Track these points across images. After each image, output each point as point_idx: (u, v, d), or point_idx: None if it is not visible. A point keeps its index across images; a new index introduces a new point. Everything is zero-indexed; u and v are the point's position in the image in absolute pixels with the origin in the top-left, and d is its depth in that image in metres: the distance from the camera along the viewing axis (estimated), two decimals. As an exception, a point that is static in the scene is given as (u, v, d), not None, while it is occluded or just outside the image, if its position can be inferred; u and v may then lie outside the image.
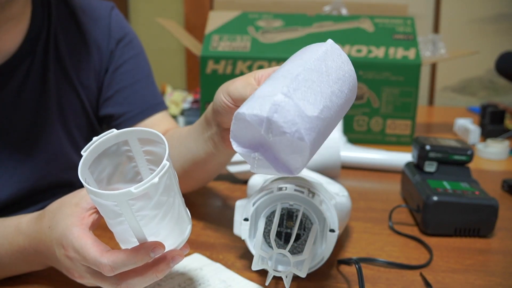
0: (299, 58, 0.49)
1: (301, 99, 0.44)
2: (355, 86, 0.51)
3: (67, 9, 0.77)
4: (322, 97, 0.45)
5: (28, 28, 0.72)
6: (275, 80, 0.46)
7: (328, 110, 0.46)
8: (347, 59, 0.50)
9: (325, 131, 0.46)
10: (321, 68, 0.47)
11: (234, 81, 0.57)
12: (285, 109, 0.42)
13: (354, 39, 1.18)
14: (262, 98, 0.44)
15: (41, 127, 0.74)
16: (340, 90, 0.48)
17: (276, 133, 0.43)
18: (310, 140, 0.43)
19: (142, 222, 0.46)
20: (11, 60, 0.70)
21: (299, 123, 0.42)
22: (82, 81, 0.78)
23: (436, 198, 0.70)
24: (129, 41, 0.83)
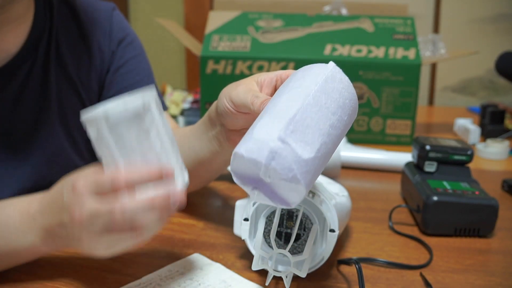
0: (299, 86, 0.49)
1: (298, 141, 0.44)
2: (356, 108, 0.51)
3: (69, 10, 0.77)
4: (320, 134, 0.46)
5: (30, 29, 0.72)
6: (272, 116, 0.47)
7: (326, 145, 0.46)
8: (348, 83, 0.50)
9: (322, 165, 0.47)
10: (321, 100, 0.47)
11: (236, 85, 0.58)
12: (282, 156, 0.44)
13: (354, 39, 1.18)
14: (260, 142, 0.45)
15: (42, 128, 0.74)
16: (339, 119, 0.48)
17: (273, 178, 0.44)
18: (306, 182, 0.44)
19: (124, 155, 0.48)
20: (13, 61, 0.70)
21: (296, 169, 0.44)
22: (83, 81, 0.78)
23: (436, 198, 0.70)
24: (130, 42, 0.84)
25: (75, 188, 0.47)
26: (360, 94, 1.16)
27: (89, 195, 0.47)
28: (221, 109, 0.60)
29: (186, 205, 0.79)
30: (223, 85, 0.62)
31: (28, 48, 0.71)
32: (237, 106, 0.57)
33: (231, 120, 0.60)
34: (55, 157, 0.76)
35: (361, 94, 1.16)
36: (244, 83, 0.57)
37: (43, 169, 0.74)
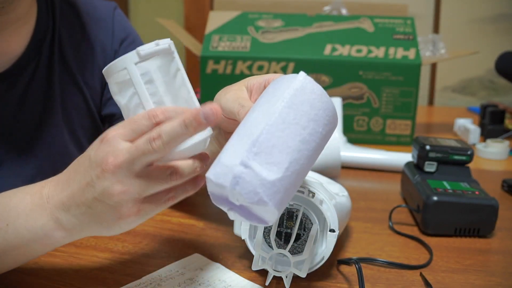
0: (267, 102, 0.48)
1: (264, 163, 0.44)
2: (334, 115, 0.50)
3: (71, 10, 0.77)
4: (288, 152, 0.45)
5: (34, 29, 0.72)
6: (239, 137, 0.46)
7: (296, 162, 0.46)
8: (321, 92, 0.49)
9: (296, 180, 0.46)
10: (288, 117, 0.46)
11: (226, 92, 0.57)
12: (246, 180, 0.43)
13: (354, 39, 1.18)
14: (225, 166, 0.44)
15: (46, 128, 0.74)
16: (311, 133, 0.47)
17: (241, 201, 0.44)
18: (275, 203, 0.44)
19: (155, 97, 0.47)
20: (18, 62, 0.70)
21: (261, 192, 0.43)
22: (86, 81, 0.79)
23: (436, 198, 0.70)
24: (132, 41, 0.84)
25: (106, 137, 0.46)
26: (360, 94, 1.16)
27: (122, 138, 0.45)
28: None
29: (186, 205, 0.79)
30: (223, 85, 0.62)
31: (32, 49, 0.71)
32: (226, 113, 0.56)
33: (225, 125, 0.60)
34: (59, 157, 0.76)
35: (361, 94, 1.16)
36: (233, 90, 0.57)
37: (47, 169, 0.74)
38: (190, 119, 0.45)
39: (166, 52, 0.48)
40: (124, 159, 0.45)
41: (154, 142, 0.44)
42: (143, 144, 0.45)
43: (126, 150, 0.45)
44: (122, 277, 0.58)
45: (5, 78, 0.69)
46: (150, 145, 0.44)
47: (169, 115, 0.46)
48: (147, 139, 0.45)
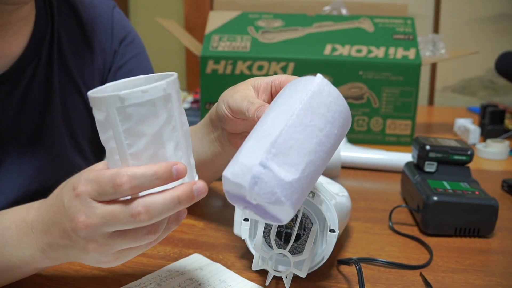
0: (285, 103, 0.49)
1: (282, 164, 0.45)
2: (348, 118, 0.51)
3: (69, 9, 0.77)
4: (305, 154, 0.46)
5: (33, 30, 0.72)
6: (257, 139, 0.47)
7: (312, 164, 0.46)
8: (337, 95, 0.49)
9: (311, 181, 0.47)
10: (306, 119, 0.47)
11: (234, 91, 0.58)
12: (264, 181, 0.44)
13: (354, 39, 1.18)
14: (244, 166, 0.45)
15: (46, 130, 0.74)
16: (327, 135, 0.48)
17: (258, 201, 0.45)
18: (291, 203, 0.44)
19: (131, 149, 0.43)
20: (17, 64, 0.70)
21: (278, 192, 0.44)
22: (86, 81, 0.78)
23: (436, 198, 0.70)
24: (132, 40, 0.84)
25: (76, 191, 0.44)
26: (360, 94, 1.16)
27: (93, 197, 0.43)
28: (220, 114, 0.61)
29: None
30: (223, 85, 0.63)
31: (31, 50, 0.71)
32: (234, 112, 0.57)
33: (230, 125, 0.61)
34: (59, 159, 0.76)
35: (361, 94, 1.16)
36: (241, 89, 0.58)
37: (47, 171, 0.74)
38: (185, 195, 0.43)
39: (156, 100, 0.42)
40: (96, 222, 0.43)
41: (139, 216, 0.42)
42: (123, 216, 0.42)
43: (101, 215, 0.43)
44: (122, 277, 0.58)
45: (5, 80, 0.69)
46: (133, 219, 0.42)
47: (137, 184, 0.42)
48: (129, 213, 0.42)
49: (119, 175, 0.42)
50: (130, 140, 0.43)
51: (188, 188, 0.44)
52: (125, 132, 0.42)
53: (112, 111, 0.42)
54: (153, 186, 0.42)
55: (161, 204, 0.42)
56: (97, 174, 0.43)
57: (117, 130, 0.42)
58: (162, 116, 0.43)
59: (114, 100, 0.41)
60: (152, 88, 0.42)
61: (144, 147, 0.43)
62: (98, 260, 0.47)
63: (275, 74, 0.61)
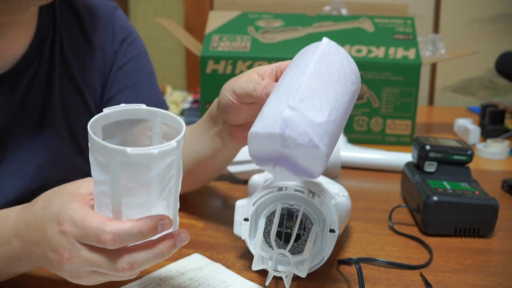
0: (299, 65, 0.51)
1: (308, 108, 0.46)
2: (358, 77, 0.53)
3: (71, 9, 0.77)
4: (328, 100, 0.47)
5: (35, 30, 0.72)
6: (279, 94, 0.48)
7: (336, 111, 0.48)
8: (345, 54, 0.52)
9: (337, 130, 0.48)
10: (322, 71, 0.49)
11: (238, 78, 0.59)
12: (295, 122, 0.45)
13: (354, 39, 1.18)
14: (272, 115, 0.46)
15: (46, 129, 0.74)
16: (344, 87, 0.50)
17: (292, 146, 0.45)
18: (324, 145, 0.45)
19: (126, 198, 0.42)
20: (19, 64, 0.70)
21: (311, 132, 0.45)
22: (87, 82, 0.78)
23: (436, 198, 0.70)
24: (132, 41, 0.84)
25: (61, 228, 0.44)
26: (360, 94, 1.16)
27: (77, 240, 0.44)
28: (223, 104, 0.61)
29: (186, 205, 0.79)
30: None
31: (33, 50, 0.71)
32: (240, 96, 0.58)
33: (234, 113, 0.61)
34: (59, 159, 0.76)
35: (361, 94, 1.16)
36: (246, 75, 0.59)
37: (47, 169, 0.74)
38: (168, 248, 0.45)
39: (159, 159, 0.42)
40: (81, 262, 0.44)
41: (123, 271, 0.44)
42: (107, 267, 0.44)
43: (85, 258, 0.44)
44: (122, 277, 0.58)
45: (7, 79, 0.69)
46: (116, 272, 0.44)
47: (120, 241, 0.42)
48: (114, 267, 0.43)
49: (103, 231, 0.42)
50: (127, 191, 0.42)
51: (172, 242, 0.45)
52: (125, 182, 0.42)
53: (115, 161, 0.41)
54: (137, 242, 0.44)
55: (145, 260, 0.44)
56: (83, 220, 0.43)
57: (116, 180, 0.42)
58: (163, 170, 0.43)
59: (121, 153, 0.40)
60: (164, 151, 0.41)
61: (139, 197, 0.43)
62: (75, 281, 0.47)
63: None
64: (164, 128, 0.47)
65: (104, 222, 0.43)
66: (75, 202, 0.45)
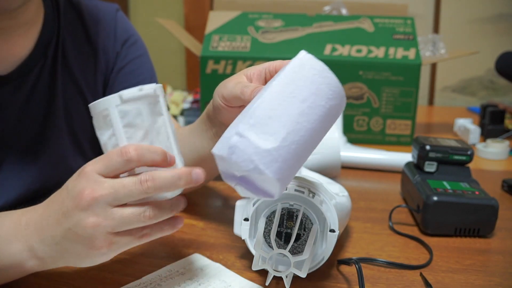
0: (271, 81, 0.50)
1: (260, 133, 0.45)
2: (339, 91, 0.50)
3: (74, 12, 0.77)
4: (285, 124, 0.46)
5: (40, 32, 0.72)
6: (240, 115, 0.49)
7: (296, 133, 0.46)
8: (322, 68, 0.49)
9: (298, 152, 0.47)
10: (285, 90, 0.48)
11: (226, 82, 0.59)
12: (240, 149, 0.45)
13: (354, 39, 1.18)
14: (224, 139, 0.47)
15: (49, 131, 0.74)
16: (311, 106, 0.48)
17: (239, 171, 0.46)
18: (273, 171, 0.44)
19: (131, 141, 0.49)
20: (23, 65, 0.70)
21: (256, 159, 0.44)
22: (88, 84, 0.79)
23: (436, 198, 0.70)
24: (134, 42, 0.84)
25: (83, 170, 0.47)
26: (360, 94, 1.16)
27: (98, 173, 0.47)
28: (215, 107, 0.61)
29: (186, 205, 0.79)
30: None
31: (37, 52, 0.71)
32: (228, 100, 0.58)
33: (226, 116, 0.61)
34: (61, 160, 0.76)
35: (361, 94, 1.16)
36: (233, 78, 0.58)
37: (49, 171, 0.75)
38: (186, 174, 0.48)
39: (148, 97, 0.50)
40: (103, 193, 0.46)
41: (146, 183, 0.46)
42: (132, 184, 0.46)
43: (109, 185, 0.46)
44: (122, 277, 0.58)
45: (10, 80, 0.69)
46: (141, 186, 0.46)
47: (141, 153, 0.47)
48: (138, 180, 0.47)
49: (125, 147, 0.47)
50: (129, 134, 0.49)
51: (188, 170, 0.49)
52: (125, 127, 0.49)
53: (113, 109, 0.48)
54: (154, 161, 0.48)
55: (164, 177, 0.47)
56: (103, 156, 0.48)
57: (118, 127, 0.49)
58: (156, 109, 0.51)
59: (114, 99, 0.49)
60: (145, 87, 0.50)
61: (141, 138, 0.50)
62: (92, 246, 0.47)
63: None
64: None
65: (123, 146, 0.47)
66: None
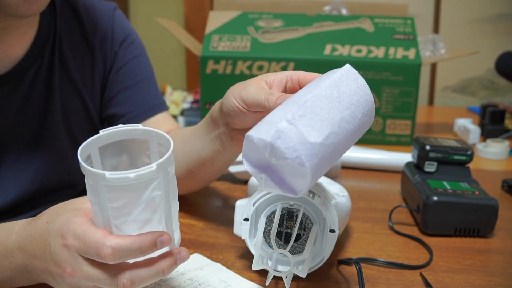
0: (315, 84, 0.50)
1: (306, 126, 0.45)
2: (372, 110, 0.52)
3: (71, 11, 0.77)
4: (329, 123, 0.46)
5: (36, 33, 0.72)
6: (286, 105, 0.48)
7: (336, 136, 0.47)
8: (364, 84, 0.51)
9: (331, 156, 0.47)
10: (333, 94, 0.48)
11: (245, 85, 0.57)
12: (288, 135, 0.44)
13: (354, 39, 1.18)
14: (269, 123, 0.45)
15: (46, 131, 0.74)
16: (352, 115, 0.49)
17: (278, 158, 0.45)
18: (311, 165, 0.44)
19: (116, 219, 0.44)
20: (20, 65, 0.70)
21: (300, 149, 0.44)
22: (86, 84, 0.78)
23: (436, 198, 0.70)
24: (132, 41, 0.83)
25: (65, 241, 0.45)
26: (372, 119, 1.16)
27: (80, 254, 0.45)
28: (228, 109, 0.59)
29: (186, 205, 0.79)
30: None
31: (34, 52, 0.71)
32: (249, 105, 0.56)
33: (240, 119, 0.59)
34: (58, 160, 0.76)
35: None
36: (254, 83, 0.57)
37: (47, 171, 0.74)
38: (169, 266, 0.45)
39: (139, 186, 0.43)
40: (82, 276, 0.45)
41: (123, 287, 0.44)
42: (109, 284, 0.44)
43: (86, 273, 0.44)
44: (122, 277, 0.58)
45: (7, 80, 0.69)
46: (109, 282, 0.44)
47: (119, 256, 0.43)
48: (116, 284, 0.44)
49: (104, 246, 0.43)
50: (115, 213, 0.44)
51: (172, 260, 0.46)
52: (111, 205, 0.43)
53: (99, 184, 0.42)
54: (137, 257, 0.44)
55: (146, 277, 0.44)
56: (85, 234, 0.44)
57: (103, 202, 0.43)
58: (149, 193, 0.43)
59: (101, 177, 0.42)
60: (140, 174, 0.42)
61: (127, 221, 0.44)
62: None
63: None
64: (160, 147, 0.49)
65: (105, 236, 0.43)
66: (79, 217, 0.46)
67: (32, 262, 0.48)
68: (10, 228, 0.52)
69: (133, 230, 0.45)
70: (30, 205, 0.75)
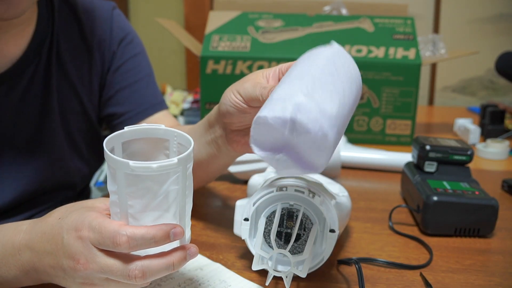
0: (307, 61, 0.50)
1: (322, 97, 0.45)
2: (361, 85, 0.53)
3: (69, 10, 0.77)
4: (337, 95, 0.46)
5: (34, 32, 0.72)
6: (289, 83, 0.47)
7: (343, 107, 0.47)
8: (352, 59, 0.52)
9: (342, 128, 0.48)
10: (331, 68, 0.48)
11: (243, 81, 0.58)
12: (307, 108, 0.44)
13: (354, 39, 1.18)
14: (282, 100, 0.45)
15: (44, 132, 0.74)
16: (350, 88, 0.49)
17: (300, 132, 0.44)
18: (333, 135, 0.44)
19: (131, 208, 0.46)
20: (17, 65, 0.70)
21: (323, 121, 0.43)
22: (84, 83, 0.78)
23: (436, 198, 0.70)
24: (130, 41, 0.83)
25: (79, 233, 0.45)
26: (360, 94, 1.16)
27: (94, 245, 0.45)
28: (227, 106, 0.59)
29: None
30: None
31: (31, 51, 0.71)
32: (247, 99, 0.57)
33: (238, 117, 0.59)
34: (56, 160, 0.76)
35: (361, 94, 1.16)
36: (251, 79, 0.58)
37: (46, 171, 0.74)
38: (179, 260, 0.47)
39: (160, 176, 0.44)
40: (95, 268, 0.45)
41: (135, 278, 0.45)
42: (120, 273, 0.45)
43: (100, 264, 0.45)
44: (122, 277, 0.58)
45: (4, 80, 0.69)
46: (128, 279, 0.45)
47: (133, 244, 0.44)
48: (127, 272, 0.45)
49: (119, 234, 0.44)
50: (133, 202, 0.45)
51: (183, 254, 0.47)
52: (129, 194, 0.45)
53: (120, 173, 0.44)
54: (150, 247, 0.45)
55: (157, 269, 0.46)
56: (101, 225, 0.45)
57: (122, 191, 0.45)
58: (167, 186, 0.45)
59: (124, 165, 0.44)
60: (162, 166, 0.44)
61: (144, 212, 0.46)
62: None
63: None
64: (179, 147, 0.50)
65: (120, 226, 0.45)
66: (93, 212, 0.47)
67: (40, 259, 0.48)
68: (17, 227, 0.52)
69: (149, 221, 0.46)
70: (28, 205, 0.75)
